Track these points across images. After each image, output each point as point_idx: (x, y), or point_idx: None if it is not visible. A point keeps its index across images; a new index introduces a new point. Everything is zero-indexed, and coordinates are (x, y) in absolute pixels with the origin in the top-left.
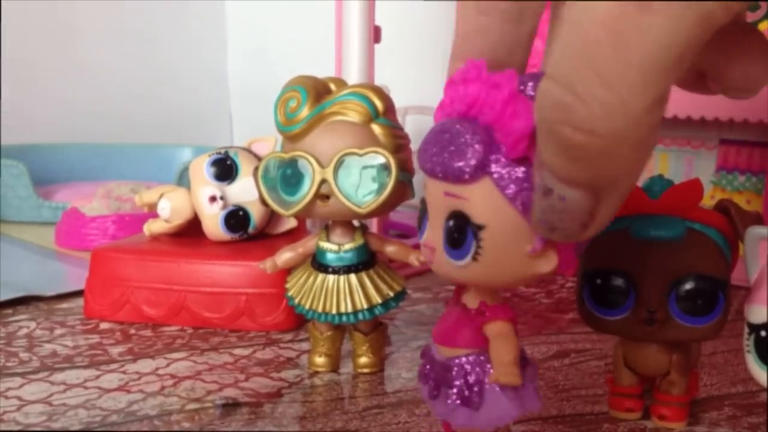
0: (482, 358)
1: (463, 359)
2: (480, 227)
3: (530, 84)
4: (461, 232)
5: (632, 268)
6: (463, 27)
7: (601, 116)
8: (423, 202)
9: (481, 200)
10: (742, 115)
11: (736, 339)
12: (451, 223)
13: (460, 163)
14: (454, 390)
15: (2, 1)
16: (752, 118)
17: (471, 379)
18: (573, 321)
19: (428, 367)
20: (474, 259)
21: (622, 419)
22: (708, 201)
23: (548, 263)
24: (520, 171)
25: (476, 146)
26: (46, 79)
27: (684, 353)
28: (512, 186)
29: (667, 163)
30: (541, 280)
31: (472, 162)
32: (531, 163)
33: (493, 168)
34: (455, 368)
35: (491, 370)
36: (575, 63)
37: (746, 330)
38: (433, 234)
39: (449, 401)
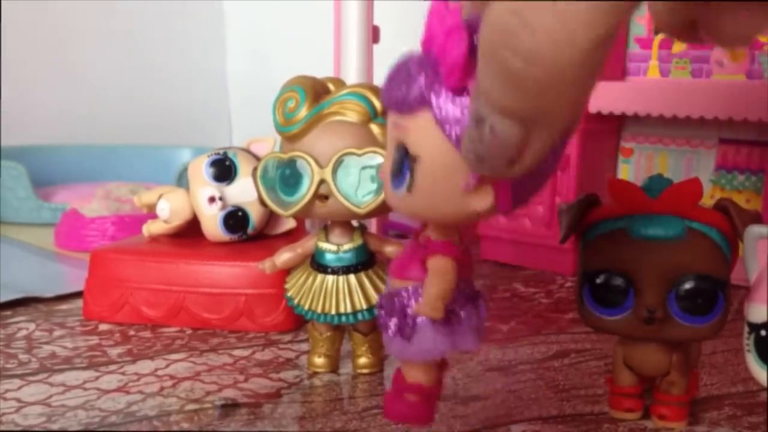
0: (420, 291)
1: (404, 292)
2: (414, 158)
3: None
4: (400, 162)
5: (632, 268)
6: None
7: (545, 45)
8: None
9: (419, 131)
10: (741, 114)
11: (736, 338)
12: (395, 154)
13: (402, 92)
14: (394, 319)
15: (2, 3)
16: (751, 116)
17: (408, 310)
18: (573, 321)
19: (383, 298)
20: (408, 190)
21: (622, 419)
22: (707, 200)
23: (483, 200)
24: (458, 104)
25: (419, 78)
26: (45, 80)
27: (684, 353)
28: (450, 119)
29: (666, 162)
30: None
31: (413, 92)
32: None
33: (434, 100)
34: (396, 299)
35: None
36: None
37: (746, 329)
38: (387, 165)
39: (388, 330)
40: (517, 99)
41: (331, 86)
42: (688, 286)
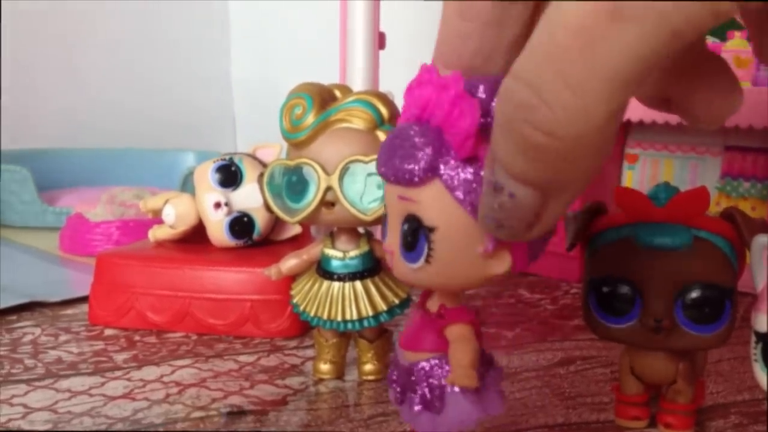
0: (444, 362)
1: (425, 363)
2: (431, 229)
3: (481, 87)
4: (414, 235)
5: (638, 277)
6: (444, 31)
7: (562, 120)
8: (385, 207)
9: (432, 203)
10: (747, 121)
11: (743, 347)
12: (405, 226)
13: (410, 167)
14: (417, 394)
15: (10, 6)
16: (757, 124)
17: (433, 383)
18: (578, 328)
19: (396, 372)
20: (427, 261)
21: (628, 427)
22: (713, 207)
23: (501, 264)
24: (468, 172)
25: (425, 149)
26: (50, 84)
27: (690, 361)
28: (461, 188)
29: (672, 170)
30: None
31: (422, 165)
32: (480, 163)
33: (443, 170)
34: (418, 373)
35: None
36: (542, 65)
37: (753, 338)
38: (392, 238)
39: (413, 406)
40: (538, 169)
41: (337, 93)
42: (694, 294)
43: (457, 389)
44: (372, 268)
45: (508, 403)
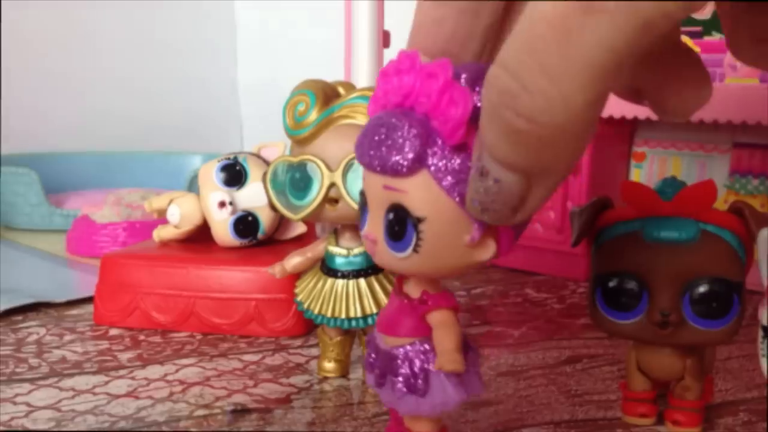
0: (426, 346)
1: (408, 348)
2: (420, 219)
3: (464, 75)
4: (401, 224)
5: (645, 271)
6: (419, 17)
7: (543, 107)
8: (362, 194)
9: (420, 193)
10: (755, 117)
11: (751, 344)
12: (391, 215)
13: (398, 157)
14: (400, 378)
15: (19, 8)
16: (765, 120)
17: (416, 367)
18: (585, 326)
19: (373, 356)
20: (415, 250)
21: (635, 424)
22: (721, 205)
23: (486, 251)
24: (456, 162)
25: (413, 139)
26: (56, 87)
27: (698, 357)
28: (449, 177)
29: (680, 167)
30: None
31: (410, 155)
32: (469, 153)
33: (431, 160)
34: (400, 357)
35: (435, 358)
36: (523, 55)
37: (761, 334)
38: (374, 226)
39: (395, 389)
40: (521, 154)
41: (341, 90)
42: (702, 289)
43: (442, 373)
44: (376, 265)
45: (515, 401)
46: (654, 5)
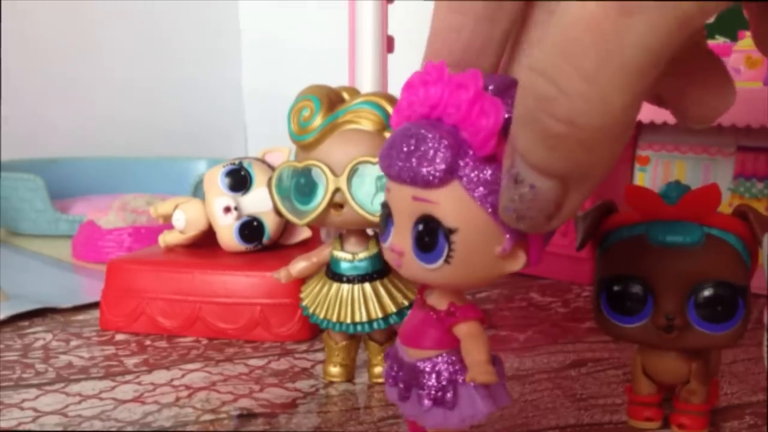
0: (453, 358)
1: (435, 360)
2: (452, 231)
3: (491, 86)
4: (432, 235)
5: (650, 275)
6: (436, 25)
7: (581, 109)
8: (386, 206)
9: (452, 204)
10: (759, 121)
11: (757, 348)
12: (420, 227)
13: (429, 168)
14: (427, 391)
15: (23, 11)
16: None
17: (444, 379)
18: (590, 330)
19: (395, 368)
20: (447, 261)
21: (641, 428)
22: (726, 209)
23: (517, 262)
24: (488, 173)
25: (444, 150)
26: (62, 93)
27: (704, 361)
28: (481, 188)
29: (684, 171)
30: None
31: (441, 167)
32: (499, 163)
33: (462, 171)
34: (427, 369)
35: (463, 370)
36: (557, 59)
37: (766, 337)
38: (401, 237)
39: (422, 402)
40: (559, 158)
41: (345, 95)
42: (707, 293)
43: (471, 385)
44: (381, 269)
45: (520, 405)
46: (691, 3)
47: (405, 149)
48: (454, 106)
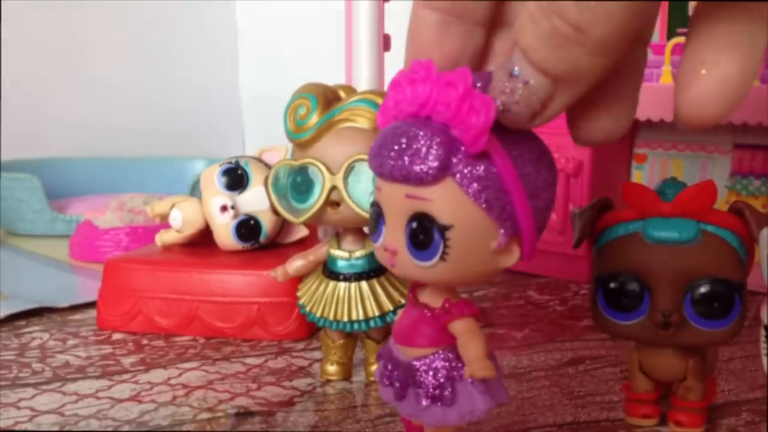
0: (450, 355)
1: (431, 357)
2: (447, 227)
3: (479, 84)
4: (426, 233)
5: (646, 272)
6: (414, 25)
7: (589, 19)
8: (376, 205)
9: (446, 201)
10: (756, 118)
11: (754, 345)
12: (414, 224)
13: (422, 166)
14: (425, 389)
15: (20, 14)
16: (766, 121)
17: (441, 376)
18: (587, 328)
19: (390, 368)
20: (442, 258)
21: (638, 425)
22: (723, 206)
23: (511, 257)
24: (481, 168)
25: (437, 147)
26: (59, 93)
27: (700, 358)
28: (475, 184)
29: (681, 169)
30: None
31: (435, 164)
32: (490, 158)
33: (455, 168)
34: (423, 368)
35: (461, 366)
36: None
37: (763, 333)
38: (393, 236)
39: (420, 401)
40: (557, 59)
41: (341, 93)
42: (703, 289)
43: (469, 381)
44: (378, 267)
45: (518, 402)
46: None
47: (396, 147)
48: (443, 105)
